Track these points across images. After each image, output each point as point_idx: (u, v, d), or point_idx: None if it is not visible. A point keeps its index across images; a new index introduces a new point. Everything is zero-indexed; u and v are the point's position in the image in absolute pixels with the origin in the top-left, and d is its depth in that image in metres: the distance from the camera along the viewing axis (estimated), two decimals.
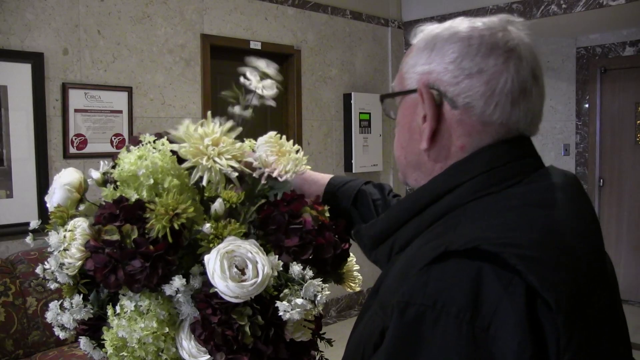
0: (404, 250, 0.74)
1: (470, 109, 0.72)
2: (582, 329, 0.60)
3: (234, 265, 0.75)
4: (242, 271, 0.75)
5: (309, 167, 0.91)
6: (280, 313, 0.75)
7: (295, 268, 0.79)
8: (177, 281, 0.76)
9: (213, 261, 0.74)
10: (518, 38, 0.74)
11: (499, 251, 0.60)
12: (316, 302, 0.78)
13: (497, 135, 0.73)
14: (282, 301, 0.77)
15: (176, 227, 0.75)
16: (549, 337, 0.58)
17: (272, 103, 0.93)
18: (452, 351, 0.58)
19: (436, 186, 0.74)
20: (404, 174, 0.83)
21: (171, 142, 0.86)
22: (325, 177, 1.11)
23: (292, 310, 0.75)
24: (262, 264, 0.75)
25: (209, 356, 0.77)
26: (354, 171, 4.67)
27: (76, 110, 3.18)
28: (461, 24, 0.76)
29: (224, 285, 0.73)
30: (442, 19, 0.82)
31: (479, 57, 0.72)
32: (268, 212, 0.84)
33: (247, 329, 0.75)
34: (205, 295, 0.76)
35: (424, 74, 0.75)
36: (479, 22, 0.75)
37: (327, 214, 0.89)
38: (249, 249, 0.76)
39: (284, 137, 0.91)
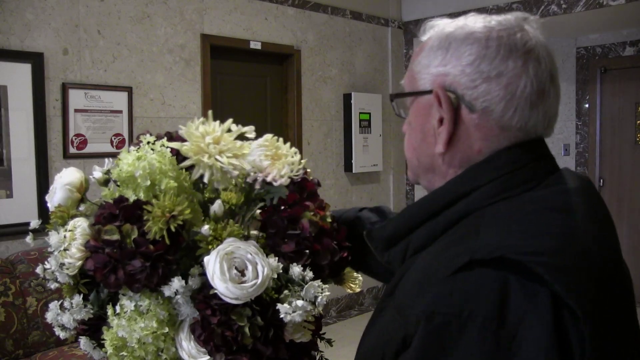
0: (419, 252, 0.72)
1: (488, 112, 0.70)
2: (605, 335, 0.60)
3: (233, 266, 0.74)
4: (242, 272, 0.75)
5: (309, 169, 0.90)
6: (282, 315, 0.75)
7: (295, 269, 0.79)
8: (177, 282, 0.76)
9: (213, 263, 0.74)
10: (535, 38, 0.72)
11: (523, 260, 0.59)
12: (317, 303, 0.77)
13: (515, 139, 0.71)
14: (282, 303, 0.76)
15: (172, 229, 0.74)
16: (574, 345, 0.57)
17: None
18: None
19: (452, 190, 0.72)
20: (416, 175, 0.81)
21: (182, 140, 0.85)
22: None
23: (293, 312, 0.75)
24: (261, 265, 0.75)
25: (208, 357, 0.77)
26: (354, 171, 4.67)
27: (76, 110, 3.18)
28: (476, 22, 0.73)
29: (224, 287, 0.73)
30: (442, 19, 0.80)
31: (498, 60, 0.70)
32: (268, 213, 0.83)
33: (246, 329, 0.75)
34: (204, 297, 0.76)
35: (439, 76, 0.73)
36: (494, 20, 0.73)
37: (329, 220, 0.88)
38: (249, 250, 0.76)
39: (281, 139, 0.90)
